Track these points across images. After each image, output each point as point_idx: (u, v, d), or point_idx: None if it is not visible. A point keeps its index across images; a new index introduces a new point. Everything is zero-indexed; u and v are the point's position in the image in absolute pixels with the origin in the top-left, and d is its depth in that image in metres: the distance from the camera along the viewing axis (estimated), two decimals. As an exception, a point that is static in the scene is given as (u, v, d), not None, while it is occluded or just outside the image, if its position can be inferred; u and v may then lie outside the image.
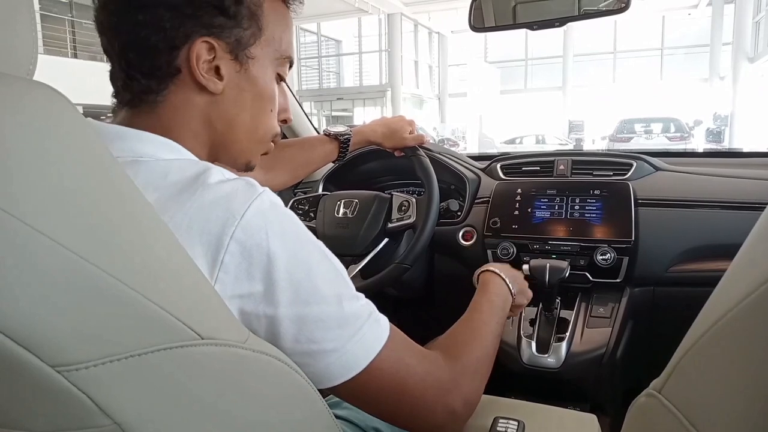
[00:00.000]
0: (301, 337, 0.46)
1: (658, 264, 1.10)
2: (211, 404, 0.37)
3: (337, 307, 0.48)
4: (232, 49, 0.55)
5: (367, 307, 0.52)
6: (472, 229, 1.26)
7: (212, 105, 0.56)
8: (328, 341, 0.47)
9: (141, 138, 0.53)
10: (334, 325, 0.48)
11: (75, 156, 0.33)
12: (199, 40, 0.52)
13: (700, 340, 0.34)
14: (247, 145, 0.61)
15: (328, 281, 0.49)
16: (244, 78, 0.57)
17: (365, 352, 0.49)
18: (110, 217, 0.33)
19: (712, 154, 1.49)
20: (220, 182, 0.47)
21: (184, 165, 0.50)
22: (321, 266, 0.49)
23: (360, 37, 20.46)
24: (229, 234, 0.44)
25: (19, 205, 0.28)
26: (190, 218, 0.44)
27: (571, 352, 1.03)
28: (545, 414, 0.71)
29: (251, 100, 0.59)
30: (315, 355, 0.47)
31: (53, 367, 0.29)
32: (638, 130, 13.99)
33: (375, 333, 0.51)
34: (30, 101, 0.32)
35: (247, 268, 0.44)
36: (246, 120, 0.59)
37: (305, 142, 1.12)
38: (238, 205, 0.45)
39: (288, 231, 0.47)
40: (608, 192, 1.16)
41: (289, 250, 0.46)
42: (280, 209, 0.48)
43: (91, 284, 0.31)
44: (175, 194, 0.46)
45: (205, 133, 0.57)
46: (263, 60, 0.58)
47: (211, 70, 0.54)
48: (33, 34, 0.36)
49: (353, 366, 0.49)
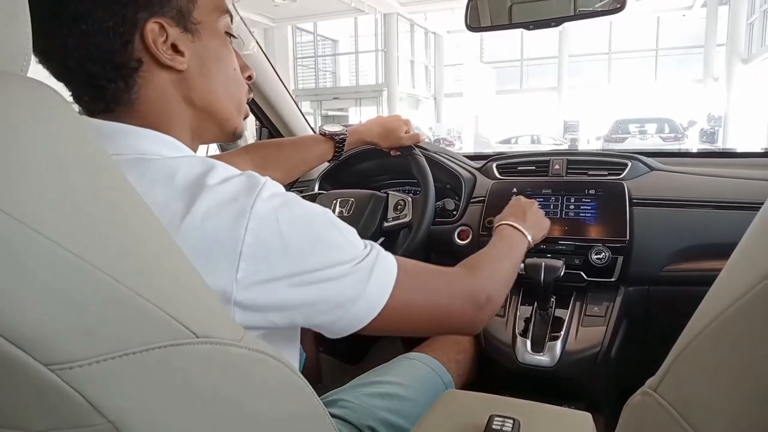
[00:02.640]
0: (330, 298, 0.51)
1: (653, 263, 1.11)
2: (206, 403, 0.37)
3: (354, 264, 0.53)
4: (178, 21, 0.55)
5: (374, 249, 0.57)
6: (468, 229, 1.26)
7: (183, 84, 0.57)
8: (351, 291, 0.52)
9: (141, 135, 0.53)
10: (354, 279, 0.52)
11: (69, 153, 0.33)
12: (148, 24, 0.52)
13: (695, 338, 0.35)
14: (227, 112, 0.62)
15: (341, 245, 0.53)
16: (200, 46, 0.57)
17: (384, 288, 0.55)
18: (105, 214, 0.33)
19: (706, 154, 1.49)
20: (225, 180, 0.49)
21: (190, 163, 0.51)
22: (332, 234, 0.53)
23: (356, 37, 20.44)
24: (243, 226, 0.46)
25: (12, 202, 0.28)
26: (203, 217, 0.46)
27: (566, 351, 1.03)
28: (540, 412, 0.71)
29: (214, 66, 0.59)
30: (345, 306, 0.52)
31: (47, 365, 0.29)
32: (633, 130, 14.04)
33: (386, 268, 0.56)
34: (24, 98, 0.32)
35: (266, 255, 0.47)
36: (218, 87, 0.60)
37: (300, 142, 1.12)
38: (246, 199, 0.47)
39: (296, 212, 0.50)
40: (603, 191, 1.16)
41: (301, 228, 0.50)
42: (283, 194, 0.51)
43: (86, 282, 0.30)
44: (184, 194, 0.47)
45: (187, 114, 0.58)
46: (207, 22, 0.58)
47: (169, 49, 0.54)
48: (27, 30, 0.35)
49: (377, 302, 0.54)
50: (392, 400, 0.83)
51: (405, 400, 0.84)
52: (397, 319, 0.56)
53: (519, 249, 0.84)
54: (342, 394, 0.84)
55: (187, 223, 0.45)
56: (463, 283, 0.65)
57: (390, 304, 0.54)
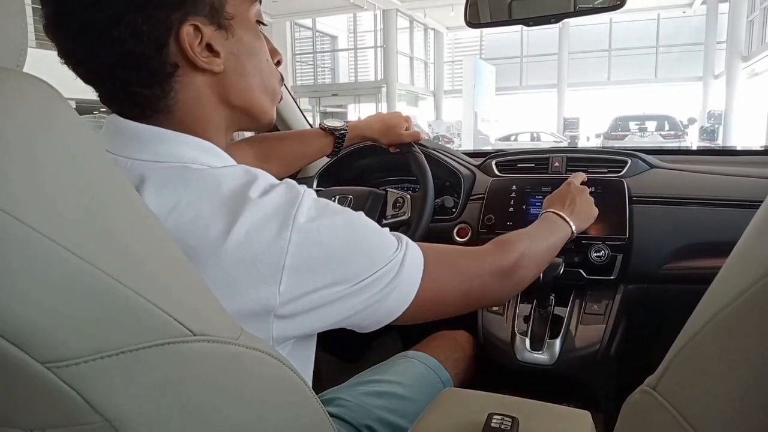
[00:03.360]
0: (367, 299, 0.52)
1: (652, 261, 1.11)
2: (204, 400, 0.37)
3: (389, 262, 0.54)
4: (212, 19, 0.53)
5: (403, 243, 0.57)
6: (467, 226, 1.26)
7: (220, 85, 0.56)
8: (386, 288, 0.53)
9: (180, 141, 0.53)
10: (388, 277, 0.54)
11: (67, 151, 0.32)
12: (184, 26, 0.50)
13: (695, 336, 0.35)
14: (262, 104, 0.61)
15: (378, 247, 0.54)
16: (235, 42, 0.56)
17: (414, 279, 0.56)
18: (101, 212, 0.33)
19: (705, 151, 1.49)
20: (266, 192, 0.49)
21: (233, 175, 0.50)
22: (369, 238, 0.54)
23: (355, 33, 20.40)
24: (286, 240, 0.47)
25: (7, 198, 0.28)
26: (247, 232, 0.46)
27: (565, 349, 1.03)
28: (539, 410, 0.71)
29: (249, 61, 0.58)
30: (379, 302, 0.53)
31: (43, 363, 0.29)
32: (633, 127, 14.07)
33: (415, 259, 0.57)
34: (20, 94, 0.31)
35: (309, 265, 0.48)
36: (254, 83, 0.59)
37: (300, 135, 1.12)
38: (287, 212, 0.48)
39: (335, 220, 0.51)
40: (603, 189, 1.16)
41: (341, 236, 0.51)
42: (321, 204, 0.52)
43: (82, 279, 0.30)
44: (229, 208, 0.47)
45: (224, 114, 0.58)
46: (240, 13, 0.56)
47: (205, 50, 0.53)
48: (23, 25, 0.35)
49: (408, 292, 0.55)
50: (390, 398, 0.83)
51: (403, 399, 0.84)
52: (428, 306, 0.58)
53: (559, 235, 0.83)
54: (340, 393, 0.84)
55: (232, 238, 0.46)
56: (491, 258, 0.66)
57: (420, 294, 0.56)
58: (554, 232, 0.83)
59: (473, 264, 0.64)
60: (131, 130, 0.52)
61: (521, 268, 0.69)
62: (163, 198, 0.48)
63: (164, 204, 0.47)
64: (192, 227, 0.46)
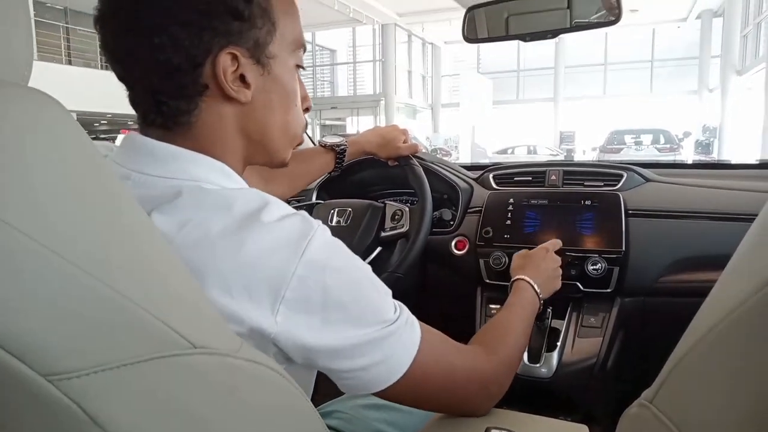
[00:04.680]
0: (356, 357, 0.51)
1: (648, 274, 1.11)
2: (204, 413, 0.37)
3: (385, 327, 0.52)
4: (252, 53, 0.54)
5: (403, 314, 0.55)
6: (465, 239, 1.26)
7: (243, 115, 0.56)
8: (377, 354, 0.52)
9: (195, 160, 0.53)
10: (384, 343, 0.52)
11: (70, 163, 0.33)
12: (223, 53, 0.51)
13: (691, 350, 0.35)
14: (281, 144, 0.61)
15: (377, 306, 0.53)
16: (269, 80, 0.56)
17: (406, 357, 0.53)
18: (103, 224, 0.33)
19: (701, 165, 1.50)
20: (280, 219, 0.49)
21: (247, 197, 0.50)
22: (370, 293, 0.53)
23: (354, 47, 20.54)
24: (291, 271, 0.46)
25: (10, 211, 0.28)
26: (254, 255, 0.46)
27: (563, 362, 1.03)
28: (536, 424, 0.71)
29: (278, 100, 0.58)
30: (368, 368, 0.51)
31: (44, 376, 0.29)
32: (628, 141, 14.12)
33: (411, 337, 0.55)
34: (25, 108, 0.32)
35: (306, 301, 0.47)
36: (277, 121, 0.59)
37: (303, 154, 1.13)
38: (298, 243, 0.48)
39: (343, 265, 0.51)
40: (599, 202, 1.17)
41: (344, 282, 0.50)
42: (333, 243, 0.51)
43: (84, 292, 0.30)
44: (240, 228, 0.47)
45: (241, 144, 0.58)
46: (282, 55, 0.57)
47: (237, 80, 0.53)
48: (30, 39, 0.36)
49: (397, 369, 0.53)
50: (388, 411, 0.83)
51: (401, 412, 0.84)
52: (411, 389, 0.55)
53: (532, 311, 0.84)
54: (338, 405, 0.84)
55: (241, 258, 0.46)
56: (481, 368, 0.64)
57: (409, 374, 0.53)
58: (529, 310, 0.83)
59: (461, 364, 0.61)
60: (148, 147, 0.53)
61: (502, 386, 0.67)
62: (175, 215, 0.48)
63: (175, 221, 0.47)
64: (200, 245, 0.46)
